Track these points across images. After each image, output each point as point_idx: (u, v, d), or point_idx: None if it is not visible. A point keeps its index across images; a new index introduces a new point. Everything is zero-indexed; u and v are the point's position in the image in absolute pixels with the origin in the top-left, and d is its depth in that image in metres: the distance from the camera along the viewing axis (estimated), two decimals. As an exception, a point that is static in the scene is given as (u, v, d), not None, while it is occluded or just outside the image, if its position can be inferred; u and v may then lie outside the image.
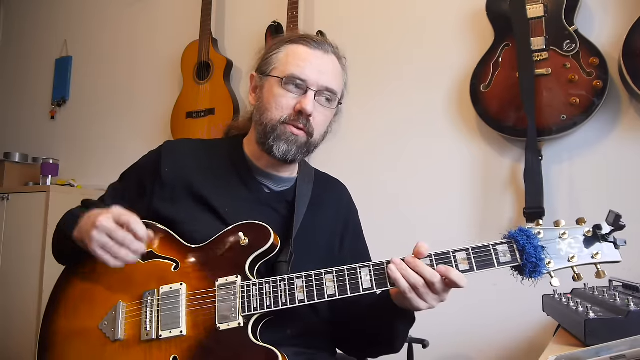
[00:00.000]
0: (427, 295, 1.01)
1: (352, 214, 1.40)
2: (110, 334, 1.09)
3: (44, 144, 3.46)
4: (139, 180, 1.26)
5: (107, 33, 3.39)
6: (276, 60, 1.21)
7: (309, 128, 1.18)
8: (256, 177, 1.26)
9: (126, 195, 1.26)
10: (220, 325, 1.05)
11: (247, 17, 2.87)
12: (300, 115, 1.17)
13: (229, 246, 1.12)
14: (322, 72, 1.19)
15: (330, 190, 1.38)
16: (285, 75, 1.17)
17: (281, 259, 1.16)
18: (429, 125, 2.32)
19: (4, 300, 2.86)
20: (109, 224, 1.04)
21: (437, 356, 2.08)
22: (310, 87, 1.17)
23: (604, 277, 0.98)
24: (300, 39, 1.22)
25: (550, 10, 2.01)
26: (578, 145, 2.03)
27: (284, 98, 1.17)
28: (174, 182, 1.21)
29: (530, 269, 0.99)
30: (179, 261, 1.13)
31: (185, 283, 1.10)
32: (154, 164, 1.24)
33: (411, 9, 2.44)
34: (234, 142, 1.32)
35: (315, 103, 1.18)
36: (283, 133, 1.17)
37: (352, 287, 1.04)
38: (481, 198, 2.18)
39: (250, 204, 1.22)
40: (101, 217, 1.04)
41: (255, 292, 1.07)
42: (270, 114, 1.18)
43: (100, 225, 1.03)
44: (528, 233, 1.00)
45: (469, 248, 1.02)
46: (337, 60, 1.24)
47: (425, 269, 0.99)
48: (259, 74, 1.25)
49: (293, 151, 1.18)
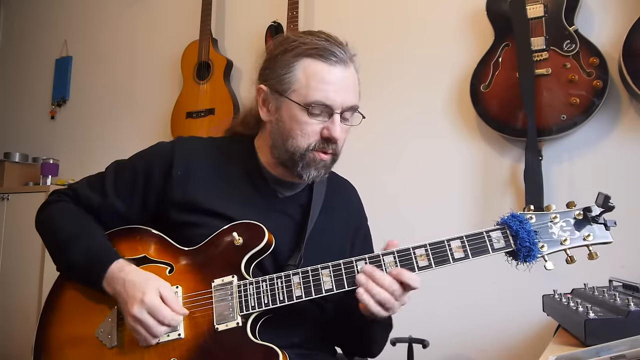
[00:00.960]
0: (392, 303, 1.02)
1: (363, 218, 1.38)
2: (107, 341, 1.09)
3: (44, 144, 3.46)
4: (147, 172, 1.20)
5: (107, 33, 3.38)
6: (294, 80, 1.12)
7: (336, 150, 1.16)
8: (269, 184, 1.23)
9: (134, 188, 1.20)
10: (218, 326, 1.05)
11: (247, 17, 2.87)
12: (329, 141, 1.13)
13: (223, 246, 1.11)
14: (346, 91, 1.13)
15: (341, 193, 1.35)
16: (310, 104, 1.10)
17: (290, 262, 1.16)
18: (429, 125, 2.32)
19: (4, 300, 2.87)
20: (155, 301, 1.03)
21: (437, 356, 2.08)
22: (335, 110, 1.12)
23: (596, 259, 1.00)
24: (317, 52, 1.11)
25: (550, 10, 2.01)
26: (578, 145, 2.03)
27: (309, 126, 1.12)
28: (185, 186, 1.18)
29: (524, 253, 1.00)
30: (173, 264, 1.13)
31: (181, 286, 1.10)
32: (166, 161, 1.20)
33: (411, 9, 2.44)
34: (247, 147, 1.26)
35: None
36: (312, 161, 1.14)
37: (348, 280, 1.04)
38: (481, 198, 2.18)
39: (263, 211, 1.19)
40: (148, 296, 1.03)
41: (252, 290, 1.06)
42: (296, 142, 1.13)
43: (147, 304, 1.03)
44: (520, 218, 1.02)
45: (462, 236, 1.03)
46: (355, 71, 1.18)
47: (385, 277, 1.01)
48: (273, 90, 1.16)
49: (322, 174, 1.18)
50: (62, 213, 1.20)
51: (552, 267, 1.00)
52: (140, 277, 1.07)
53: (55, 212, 1.21)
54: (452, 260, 1.02)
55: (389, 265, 1.04)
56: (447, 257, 1.03)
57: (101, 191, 1.20)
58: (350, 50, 1.17)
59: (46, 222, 1.22)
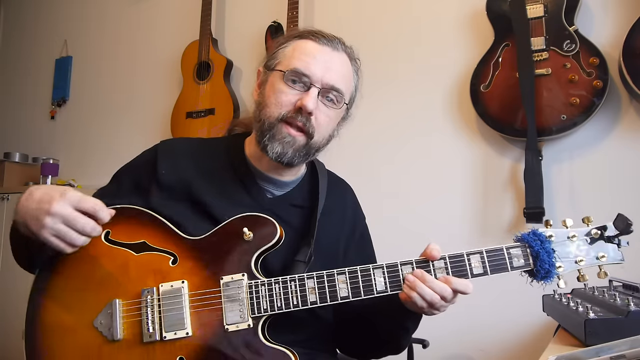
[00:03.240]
0: (442, 306, 1.02)
1: (358, 218, 1.35)
2: (108, 334, 1.03)
3: (44, 144, 3.46)
4: (135, 179, 1.19)
5: (107, 33, 3.39)
6: (282, 54, 1.15)
7: (309, 128, 1.11)
8: (258, 182, 1.20)
9: (119, 192, 1.18)
10: (228, 327, 1.02)
11: (247, 17, 2.87)
12: (300, 112, 1.10)
13: (232, 241, 1.07)
14: (328, 69, 1.12)
15: (337, 192, 1.32)
16: (289, 69, 1.11)
17: (299, 257, 1.13)
18: (429, 126, 2.32)
19: (4, 300, 2.87)
20: (66, 210, 0.99)
21: (437, 356, 2.08)
22: (314, 83, 1.10)
23: (604, 278, 0.99)
24: (310, 34, 1.16)
25: (550, 10, 2.01)
26: (578, 145, 2.03)
27: (284, 94, 1.11)
28: (171, 185, 1.16)
29: (543, 274, 1.00)
30: (177, 255, 1.07)
31: (187, 280, 1.05)
32: (150, 164, 1.19)
33: (411, 9, 2.44)
34: (234, 142, 1.26)
35: (318, 102, 1.11)
36: (279, 132, 1.11)
37: (365, 289, 1.02)
38: (481, 198, 2.18)
39: (251, 210, 1.13)
40: (56, 205, 0.99)
41: (265, 292, 1.03)
42: (269, 110, 1.12)
43: (56, 213, 0.99)
44: (541, 237, 1.01)
45: (482, 251, 1.02)
46: (348, 60, 1.18)
47: (435, 283, 1.00)
48: (265, 68, 1.19)
49: (289, 154, 1.12)
50: None
51: (564, 286, 1.00)
52: (42, 189, 1.03)
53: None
54: (471, 275, 1.02)
55: None
56: (466, 271, 1.02)
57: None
58: (352, 51, 1.19)
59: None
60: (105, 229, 1.08)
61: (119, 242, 1.08)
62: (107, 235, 1.09)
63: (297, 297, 1.03)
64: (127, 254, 1.08)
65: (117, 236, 1.09)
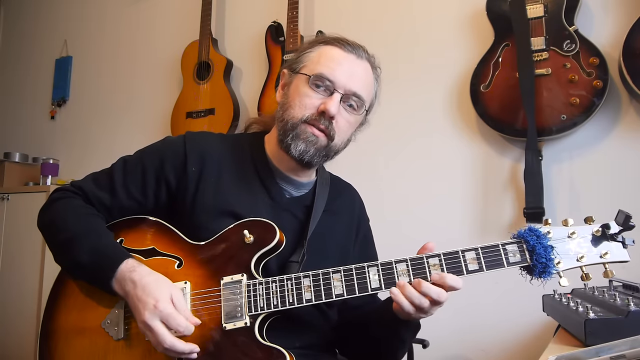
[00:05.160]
0: (432, 309, 1.02)
1: (363, 222, 1.38)
2: (113, 333, 1.08)
3: (44, 144, 3.46)
4: (159, 170, 1.19)
5: (107, 33, 3.39)
6: (308, 59, 1.19)
7: (330, 130, 1.15)
8: (278, 182, 1.23)
9: (144, 186, 1.19)
10: (226, 325, 1.05)
11: (247, 17, 2.87)
12: (323, 116, 1.14)
13: (233, 244, 1.11)
14: (352, 76, 1.16)
15: (343, 196, 1.36)
16: (314, 74, 1.15)
17: (293, 258, 1.15)
18: (429, 126, 2.32)
19: (4, 300, 2.87)
20: (169, 309, 1.01)
21: (437, 356, 2.08)
22: (337, 89, 1.14)
23: (611, 277, 0.98)
24: (336, 41, 1.20)
25: (550, 10, 2.01)
26: (578, 145, 2.03)
27: (308, 97, 1.15)
28: (199, 183, 1.18)
29: (540, 269, 0.99)
30: (183, 259, 1.12)
31: (189, 281, 1.09)
32: (179, 157, 1.19)
33: (411, 10, 2.44)
34: (255, 140, 1.28)
35: (340, 107, 1.15)
36: (303, 132, 1.14)
37: (360, 286, 1.03)
38: (481, 198, 2.18)
39: (271, 209, 1.19)
40: (162, 303, 1.01)
41: (262, 291, 1.06)
42: (293, 112, 1.16)
43: (161, 312, 1.00)
44: (538, 233, 1.00)
45: (478, 248, 1.02)
46: (371, 68, 1.22)
47: (431, 288, 0.99)
48: (289, 71, 1.22)
49: (310, 152, 1.15)
50: (67, 210, 1.15)
51: (567, 284, 0.99)
52: (152, 280, 1.04)
53: (61, 209, 1.16)
54: (466, 272, 1.01)
55: (401, 273, 1.03)
56: (461, 268, 1.01)
57: (110, 190, 1.18)
58: (374, 59, 1.24)
59: (50, 219, 1.17)
60: (118, 238, 1.16)
61: (131, 248, 1.14)
62: (121, 243, 1.15)
63: (292, 295, 1.05)
64: (138, 259, 1.11)
65: (129, 243, 1.15)
